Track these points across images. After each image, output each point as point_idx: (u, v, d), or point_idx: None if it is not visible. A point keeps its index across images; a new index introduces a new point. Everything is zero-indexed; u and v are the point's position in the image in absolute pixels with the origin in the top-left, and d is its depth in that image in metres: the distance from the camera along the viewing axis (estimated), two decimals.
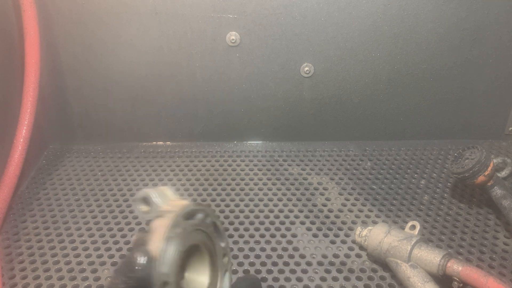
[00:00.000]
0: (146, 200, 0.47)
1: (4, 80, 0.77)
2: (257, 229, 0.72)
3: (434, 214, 0.75)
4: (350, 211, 0.76)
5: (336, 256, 0.67)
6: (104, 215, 0.75)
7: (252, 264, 0.65)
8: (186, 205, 0.47)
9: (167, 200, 0.48)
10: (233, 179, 0.84)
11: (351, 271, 0.64)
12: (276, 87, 0.89)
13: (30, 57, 0.78)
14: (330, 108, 0.92)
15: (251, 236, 0.70)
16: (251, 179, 0.84)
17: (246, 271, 0.64)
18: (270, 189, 0.81)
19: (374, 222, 0.73)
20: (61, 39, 0.84)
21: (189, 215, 0.47)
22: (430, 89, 0.91)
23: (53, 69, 0.86)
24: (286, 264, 0.65)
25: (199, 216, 0.48)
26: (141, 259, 0.42)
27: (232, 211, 0.76)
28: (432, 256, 0.58)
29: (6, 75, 0.78)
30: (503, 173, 0.74)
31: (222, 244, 0.51)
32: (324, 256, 0.66)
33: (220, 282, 0.50)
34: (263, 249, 0.68)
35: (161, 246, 0.43)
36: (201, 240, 0.48)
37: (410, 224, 0.64)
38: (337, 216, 0.75)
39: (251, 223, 0.73)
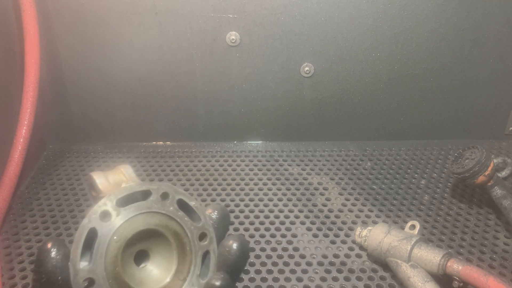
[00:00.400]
0: (91, 186, 0.43)
1: (3, 80, 0.77)
2: (257, 229, 0.72)
3: (434, 214, 0.75)
4: (350, 211, 0.76)
5: (336, 256, 0.66)
6: None
7: (252, 264, 0.65)
8: (122, 188, 0.42)
9: (116, 183, 0.43)
10: (233, 179, 0.84)
11: (351, 271, 0.64)
12: (276, 87, 0.89)
13: (30, 57, 0.78)
14: (330, 108, 0.92)
15: (251, 236, 0.70)
16: (251, 179, 0.84)
17: (246, 271, 0.64)
18: (270, 189, 0.81)
19: (374, 222, 0.73)
20: (61, 38, 0.84)
21: (133, 197, 0.42)
22: (430, 89, 0.91)
23: (53, 69, 0.86)
24: (286, 264, 0.65)
25: (153, 197, 0.43)
26: (49, 254, 0.38)
27: (232, 211, 0.75)
28: (432, 256, 0.58)
29: (6, 75, 0.78)
30: (503, 173, 0.74)
31: (198, 223, 0.45)
32: (324, 256, 0.66)
33: (194, 266, 0.45)
34: (263, 249, 0.68)
35: (80, 239, 0.38)
36: (158, 223, 0.43)
37: (410, 224, 0.64)
38: (337, 216, 0.75)
39: (251, 223, 0.73)
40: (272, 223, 0.73)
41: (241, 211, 0.75)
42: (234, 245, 0.45)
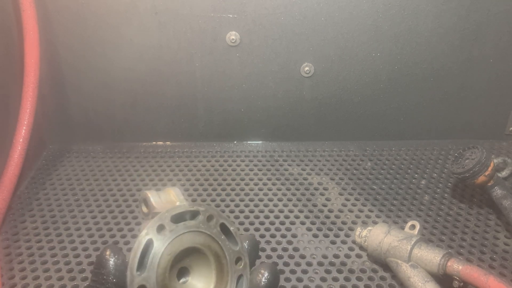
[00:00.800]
0: (145, 202, 0.46)
1: (3, 80, 0.77)
2: (257, 230, 0.71)
3: (434, 215, 0.75)
4: (351, 211, 0.76)
5: (336, 256, 0.66)
6: (104, 215, 0.74)
7: (252, 264, 0.65)
8: (177, 206, 0.45)
9: (167, 201, 0.46)
10: (233, 179, 0.84)
11: (351, 271, 0.64)
12: (276, 87, 0.89)
13: (30, 57, 0.78)
14: (330, 108, 0.92)
15: None
16: (251, 179, 0.84)
17: None
18: (270, 189, 0.81)
19: (375, 222, 0.72)
20: (60, 38, 0.84)
21: (183, 216, 0.45)
22: (430, 89, 0.90)
23: (52, 69, 0.86)
24: (286, 264, 0.65)
25: (200, 217, 0.46)
26: (111, 258, 0.41)
27: (232, 211, 0.75)
28: (432, 256, 0.58)
29: (6, 75, 0.78)
30: (503, 173, 0.74)
31: (236, 248, 0.48)
32: (324, 257, 0.66)
33: None
34: (263, 249, 0.68)
35: (139, 248, 0.41)
36: (203, 243, 0.46)
37: (409, 224, 0.64)
38: (337, 217, 0.74)
39: (251, 223, 0.73)
40: (272, 223, 0.73)
41: (241, 211, 0.75)
42: (266, 273, 0.48)
